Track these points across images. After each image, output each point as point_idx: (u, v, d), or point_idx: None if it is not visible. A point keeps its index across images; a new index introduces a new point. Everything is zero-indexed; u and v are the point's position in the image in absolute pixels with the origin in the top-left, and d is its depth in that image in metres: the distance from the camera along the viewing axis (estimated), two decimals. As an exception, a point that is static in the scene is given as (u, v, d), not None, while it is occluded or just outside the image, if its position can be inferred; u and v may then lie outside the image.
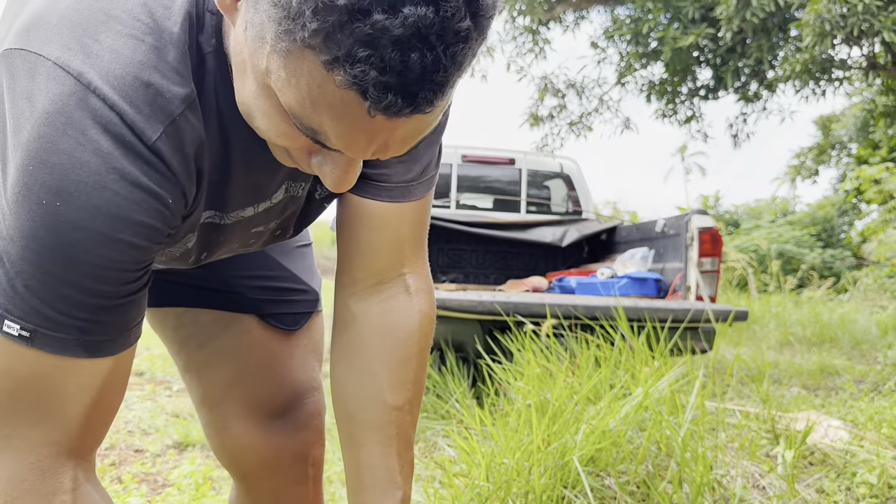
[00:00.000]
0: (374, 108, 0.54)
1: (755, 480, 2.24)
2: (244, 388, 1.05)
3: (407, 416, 0.84)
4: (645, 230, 4.35)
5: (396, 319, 0.86)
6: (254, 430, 1.04)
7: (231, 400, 1.05)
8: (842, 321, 7.52)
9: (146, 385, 4.62)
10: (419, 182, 0.84)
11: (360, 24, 0.51)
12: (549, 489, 1.93)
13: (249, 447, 1.05)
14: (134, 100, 0.62)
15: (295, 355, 1.09)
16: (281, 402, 1.06)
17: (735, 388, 4.10)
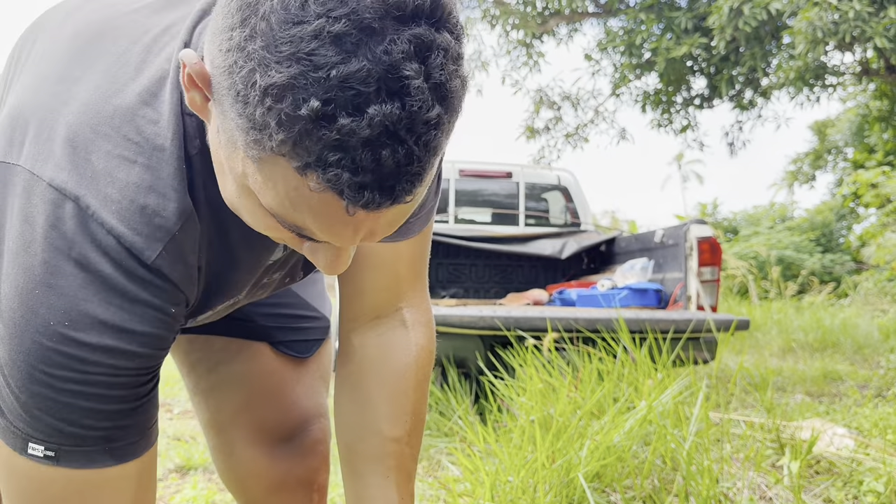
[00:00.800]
0: (353, 206, 0.54)
1: (762, 492, 2.22)
2: (252, 414, 1.05)
3: (406, 447, 0.84)
4: (644, 241, 4.35)
5: (393, 353, 0.87)
6: (260, 456, 1.05)
7: (238, 425, 1.05)
8: (843, 326, 7.51)
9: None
10: (416, 218, 0.85)
11: (327, 130, 0.51)
12: (554, 506, 1.92)
13: (256, 472, 1.05)
14: (132, 223, 0.63)
15: (303, 382, 1.09)
16: (287, 428, 1.07)
17: (739, 398, 4.09)
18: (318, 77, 0.50)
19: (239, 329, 1.05)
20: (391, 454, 0.83)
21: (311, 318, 1.10)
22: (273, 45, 0.50)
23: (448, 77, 0.53)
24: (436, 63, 0.52)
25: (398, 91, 0.51)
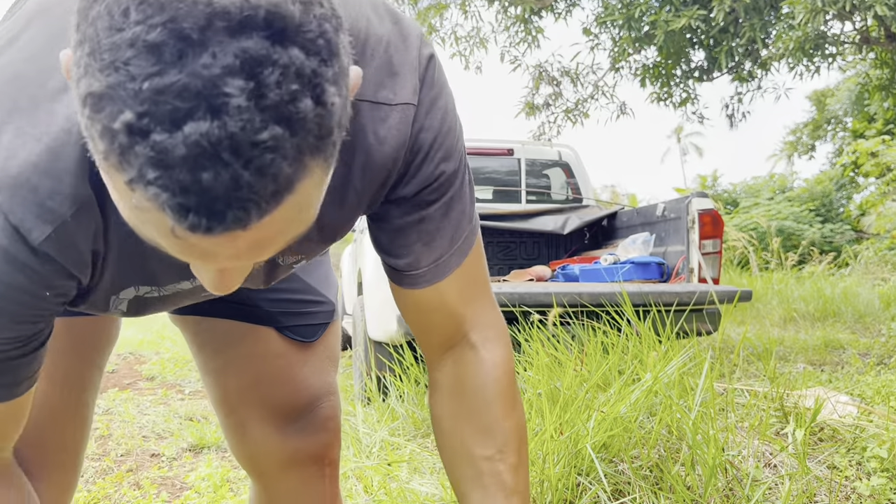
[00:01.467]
0: (180, 229, 0.50)
1: (767, 459, 2.27)
2: (260, 394, 1.07)
3: (499, 464, 0.84)
4: (645, 214, 4.37)
5: (467, 377, 0.88)
6: (271, 434, 1.06)
7: (247, 404, 1.07)
8: (844, 295, 7.55)
9: (158, 389, 4.65)
10: (450, 254, 0.85)
11: (141, 145, 0.47)
12: (563, 477, 1.96)
13: (267, 449, 1.07)
14: (23, 201, 0.63)
15: (311, 363, 1.11)
16: (297, 407, 1.08)
17: (742, 368, 4.13)
18: (133, 88, 0.47)
19: (244, 313, 1.06)
20: (485, 472, 0.84)
21: (317, 302, 1.11)
22: (97, 51, 0.48)
23: (290, 97, 0.48)
24: (270, 80, 0.47)
25: (218, 108, 0.47)
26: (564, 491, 1.96)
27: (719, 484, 1.97)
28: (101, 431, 3.56)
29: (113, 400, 4.25)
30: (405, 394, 3.36)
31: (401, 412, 3.24)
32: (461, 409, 0.88)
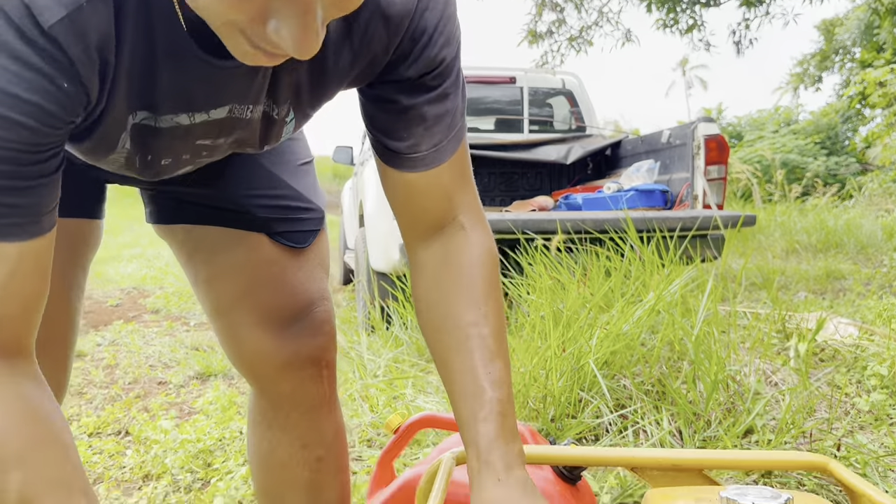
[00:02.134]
0: None
1: (767, 377, 2.29)
2: (254, 300, 1.07)
3: (483, 328, 0.85)
4: (650, 142, 4.31)
5: (458, 253, 0.90)
6: (267, 338, 1.06)
7: (241, 310, 1.07)
8: (847, 227, 7.53)
9: (163, 321, 4.69)
10: (448, 139, 0.86)
11: None
12: (566, 392, 1.98)
13: (263, 353, 1.07)
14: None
15: (304, 269, 1.10)
16: (292, 311, 1.08)
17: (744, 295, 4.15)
18: None
19: (235, 220, 1.05)
20: (470, 336, 0.85)
21: (307, 209, 1.10)
22: None
23: None
24: None
25: None
26: (567, 405, 1.99)
27: (720, 398, 1.99)
28: (107, 361, 3.60)
29: (118, 332, 4.28)
30: (409, 321, 3.38)
31: (404, 338, 3.26)
32: (448, 282, 0.89)
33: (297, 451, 1.13)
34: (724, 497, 0.68)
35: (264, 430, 1.14)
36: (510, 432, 0.80)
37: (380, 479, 1.34)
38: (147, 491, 1.94)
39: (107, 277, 6.40)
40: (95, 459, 2.24)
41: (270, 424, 1.13)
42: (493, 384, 0.82)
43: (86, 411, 2.80)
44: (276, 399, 1.11)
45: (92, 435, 2.53)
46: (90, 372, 3.34)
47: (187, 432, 2.38)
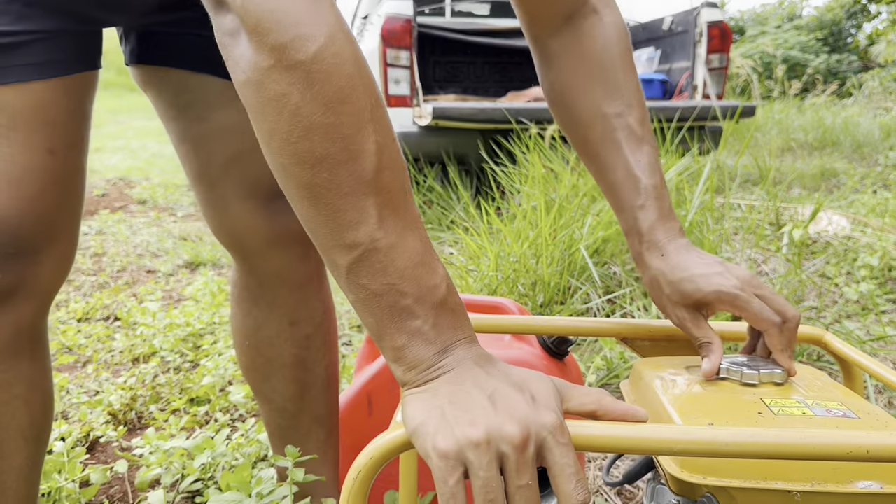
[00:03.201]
0: None
1: (758, 266, 2.28)
2: (245, 167, 1.01)
3: (628, 117, 0.84)
4: (651, 29, 4.16)
5: (592, 39, 0.88)
6: (256, 210, 1.01)
7: (231, 178, 1.01)
8: (845, 125, 7.44)
9: (150, 212, 4.64)
10: None
11: None
12: (556, 277, 1.97)
13: (251, 226, 1.02)
14: None
15: None
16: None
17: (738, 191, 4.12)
18: None
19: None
20: (615, 128, 0.84)
21: None
22: None
23: None
24: None
25: None
26: (556, 292, 1.98)
27: (711, 286, 1.98)
28: (95, 249, 3.57)
29: (105, 221, 4.24)
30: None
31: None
32: (586, 72, 0.88)
33: (284, 328, 1.11)
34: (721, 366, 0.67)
35: (250, 307, 1.11)
36: (668, 213, 0.80)
37: (367, 355, 1.33)
38: (136, 371, 1.95)
39: (91, 168, 6.29)
40: (84, 343, 2.24)
41: (257, 301, 1.09)
42: (646, 171, 0.81)
43: (74, 297, 2.79)
44: (263, 276, 1.07)
45: (81, 320, 2.53)
46: (77, 259, 3.31)
47: (176, 317, 2.37)
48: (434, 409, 0.51)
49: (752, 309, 0.71)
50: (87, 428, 1.62)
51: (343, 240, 0.55)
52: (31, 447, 0.95)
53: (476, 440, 0.48)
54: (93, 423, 1.65)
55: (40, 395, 0.95)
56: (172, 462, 1.40)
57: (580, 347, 1.84)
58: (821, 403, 0.60)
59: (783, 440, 0.48)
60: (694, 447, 0.48)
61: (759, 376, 0.65)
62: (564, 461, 0.48)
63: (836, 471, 0.53)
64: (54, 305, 2.71)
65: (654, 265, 0.78)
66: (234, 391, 1.74)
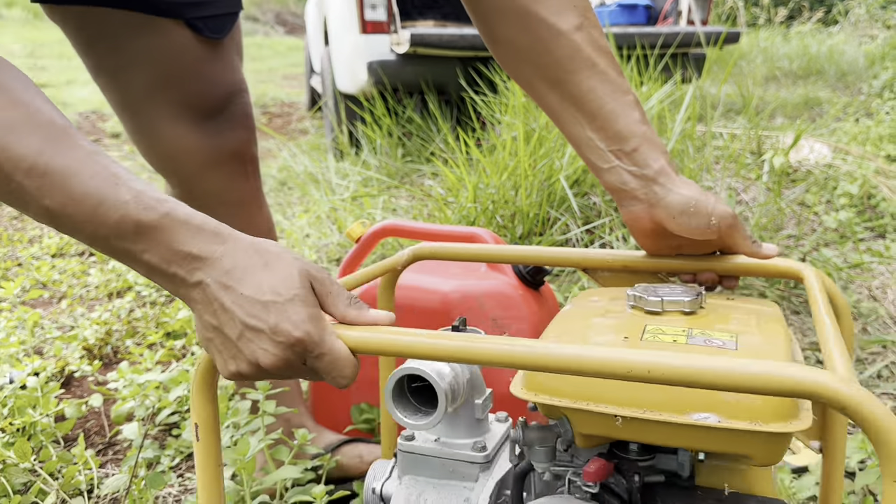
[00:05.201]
0: None
1: (738, 195, 2.27)
2: (169, 92, 0.98)
3: (592, 31, 0.72)
4: (635, -47, 4.03)
5: None
6: (187, 133, 1.00)
7: (156, 103, 0.98)
8: (830, 53, 7.36)
9: (124, 146, 4.55)
10: None
11: None
12: (535, 208, 1.95)
13: (185, 148, 1.00)
14: None
15: (222, 58, 1.02)
16: (210, 104, 1.01)
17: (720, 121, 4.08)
18: None
19: (141, 3, 0.93)
20: (583, 43, 0.71)
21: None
22: None
23: None
24: None
25: None
26: (535, 223, 1.96)
27: (690, 215, 1.97)
28: (68, 184, 3.50)
29: (79, 156, 4.15)
30: (377, 144, 3.28)
31: (373, 163, 3.18)
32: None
33: None
34: (631, 294, 0.63)
35: None
36: (658, 142, 0.72)
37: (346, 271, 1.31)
38: (111, 306, 1.92)
39: (62, 101, 6.12)
40: (58, 278, 2.20)
41: None
42: (626, 83, 0.73)
43: (48, 233, 2.74)
44: (202, 197, 1.05)
45: (55, 256, 2.49)
46: (50, 195, 3.24)
47: (151, 252, 2.34)
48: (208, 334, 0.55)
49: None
50: (61, 363, 1.61)
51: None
52: None
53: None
54: (67, 358, 1.63)
55: None
56: (147, 395, 1.40)
57: (558, 278, 1.84)
58: (709, 334, 0.56)
59: (594, 357, 0.44)
60: (496, 357, 0.47)
61: (661, 303, 0.61)
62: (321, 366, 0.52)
63: (673, 400, 0.49)
64: (27, 241, 2.66)
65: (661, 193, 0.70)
66: (211, 325, 1.73)
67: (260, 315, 0.51)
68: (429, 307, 1.03)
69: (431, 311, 1.03)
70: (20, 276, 2.15)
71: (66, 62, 9.02)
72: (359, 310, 0.55)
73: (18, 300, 2.03)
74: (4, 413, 1.34)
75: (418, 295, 1.05)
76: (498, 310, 1.00)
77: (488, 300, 1.01)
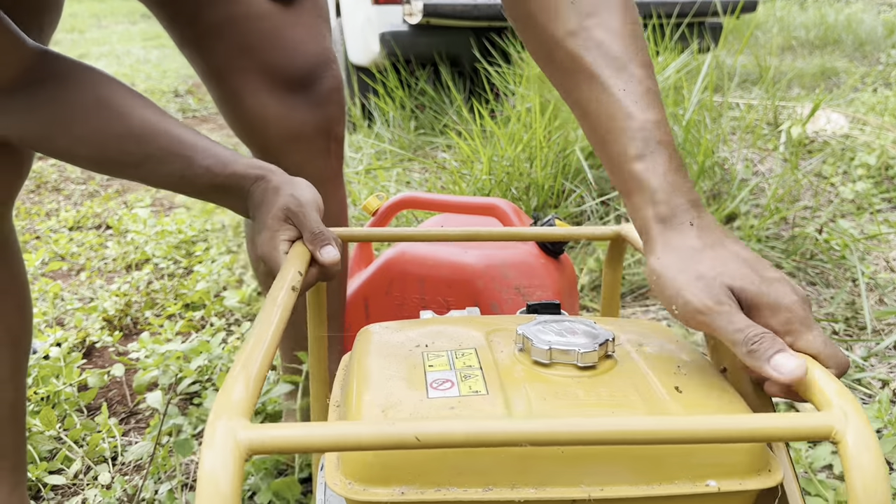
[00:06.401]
0: None
1: (755, 166, 2.25)
2: (252, 60, 0.96)
3: (594, 32, 0.60)
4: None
5: None
6: (272, 104, 0.97)
7: (240, 71, 0.96)
8: (847, 22, 7.24)
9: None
10: None
11: None
12: (550, 180, 1.94)
13: (269, 119, 0.98)
14: None
15: (302, 23, 0.98)
16: (295, 73, 0.98)
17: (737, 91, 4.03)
18: None
19: None
20: (577, 51, 0.60)
21: None
22: None
23: None
24: None
25: None
26: (550, 195, 1.96)
27: (706, 185, 1.96)
28: (83, 158, 3.52)
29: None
30: (390, 117, 3.27)
31: (386, 135, 3.17)
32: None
33: None
34: (521, 333, 0.54)
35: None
36: (678, 168, 0.56)
37: (359, 261, 1.32)
38: (130, 278, 1.94)
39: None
40: (76, 251, 2.23)
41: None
42: (639, 103, 0.57)
43: (65, 206, 2.76)
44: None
45: (72, 229, 2.51)
46: (66, 168, 3.26)
47: (167, 224, 2.35)
48: None
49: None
50: (82, 334, 1.63)
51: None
52: (11, 352, 0.94)
53: None
54: (88, 328, 1.66)
55: (12, 301, 0.94)
56: (169, 365, 1.42)
57: (573, 250, 1.84)
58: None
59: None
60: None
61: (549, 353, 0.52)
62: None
63: (647, 470, 0.45)
64: (44, 214, 2.68)
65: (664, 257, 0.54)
66: (229, 296, 1.74)
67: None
68: (452, 277, 1.04)
69: (454, 282, 1.04)
70: (40, 249, 2.18)
71: (78, 35, 9.01)
72: (312, 242, 0.68)
73: (39, 272, 2.05)
74: (29, 382, 1.37)
75: (441, 265, 1.06)
76: (522, 279, 1.01)
77: (511, 270, 1.02)
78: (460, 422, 0.40)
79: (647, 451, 0.46)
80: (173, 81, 5.38)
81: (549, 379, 0.51)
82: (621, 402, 0.49)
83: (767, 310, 0.49)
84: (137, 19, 10.39)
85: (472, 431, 0.40)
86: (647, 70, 0.59)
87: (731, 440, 0.41)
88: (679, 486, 0.46)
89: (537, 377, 0.52)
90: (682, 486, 0.46)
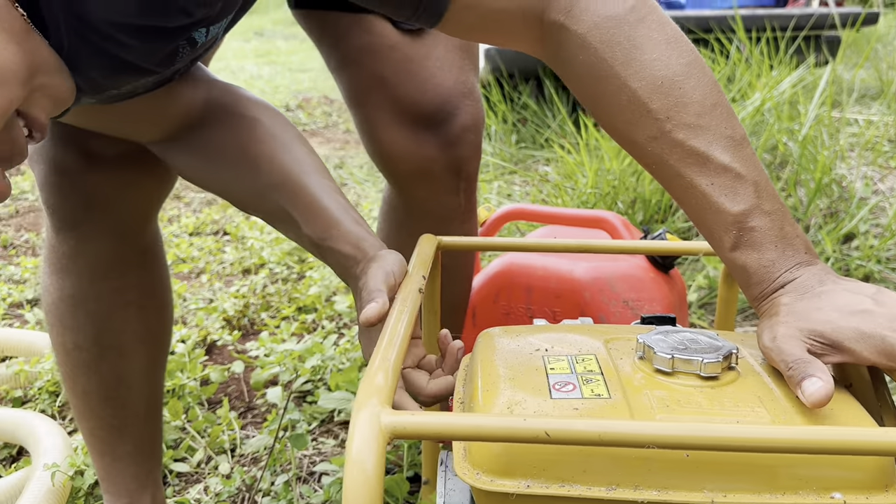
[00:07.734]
0: None
1: (874, 184, 2.16)
2: (383, 92, 0.95)
3: (673, 134, 0.60)
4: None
5: (602, 31, 0.63)
6: (402, 139, 0.96)
7: (374, 103, 0.96)
8: (981, 33, 6.77)
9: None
10: None
11: None
12: (657, 195, 1.92)
13: (399, 154, 0.97)
14: None
15: (435, 56, 0.95)
16: (425, 108, 0.95)
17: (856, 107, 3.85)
18: None
19: (339, 3, 0.92)
20: (660, 156, 0.61)
21: None
22: None
23: None
24: None
25: None
26: (657, 210, 1.94)
27: (822, 204, 1.90)
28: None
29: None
30: (493, 131, 3.31)
31: (488, 149, 3.22)
32: (592, 82, 0.64)
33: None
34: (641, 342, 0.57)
35: (392, 229, 1.08)
36: (784, 226, 0.59)
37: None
38: (247, 281, 2.05)
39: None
40: (197, 255, 2.37)
41: (400, 227, 1.07)
42: (728, 193, 0.59)
43: (185, 213, 2.94)
44: (409, 202, 1.03)
45: (192, 234, 2.67)
46: (186, 177, 3.46)
47: (280, 231, 2.47)
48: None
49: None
50: (204, 332, 1.74)
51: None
52: (150, 350, 1.01)
53: None
54: (209, 328, 1.76)
55: (154, 302, 1.00)
56: (286, 364, 1.49)
57: (682, 266, 1.81)
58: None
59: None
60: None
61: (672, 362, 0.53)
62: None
63: (771, 479, 0.46)
64: (166, 220, 2.86)
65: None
66: (339, 301, 1.82)
67: None
68: (560, 288, 1.05)
69: (562, 292, 1.05)
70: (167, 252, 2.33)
71: (196, 53, 9.52)
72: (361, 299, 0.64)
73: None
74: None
75: (549, 276, 1.08)
76: (630, 292, 1.01)
77: (620, 282, 1.02)
78: (589, 420, 0.42)
79: (770, 460, 0.46)
80: (284, 97, 5.61)
81: (671, 387, 0.52)
82: (746, 413, 0.49)
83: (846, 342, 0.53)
84: (251, 37, 10.91)
85: (601, 430, 0.42)
86: (732, 152, 0.60)
87: (861, 452, 0.42)
88: (803, 496, 0.46)
89: (659, 385, 0.53)
90: (806, 497, 0.46)
